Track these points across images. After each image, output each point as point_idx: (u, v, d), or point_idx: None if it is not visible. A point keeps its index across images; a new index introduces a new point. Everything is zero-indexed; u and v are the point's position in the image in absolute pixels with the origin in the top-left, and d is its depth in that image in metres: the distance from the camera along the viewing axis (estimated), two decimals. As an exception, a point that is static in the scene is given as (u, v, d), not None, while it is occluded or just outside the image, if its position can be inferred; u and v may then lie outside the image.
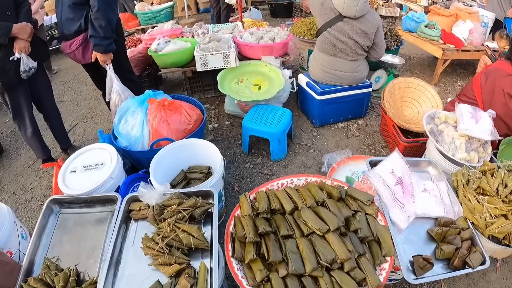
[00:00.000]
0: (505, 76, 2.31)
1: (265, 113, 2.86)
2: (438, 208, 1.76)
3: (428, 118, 2.31)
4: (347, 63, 2.85)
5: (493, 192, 1.74)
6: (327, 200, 1.67)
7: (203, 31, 3.84)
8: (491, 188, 1.76)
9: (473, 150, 2.15)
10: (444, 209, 1.76)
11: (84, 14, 2.37)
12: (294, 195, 1.72)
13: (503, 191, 1.74)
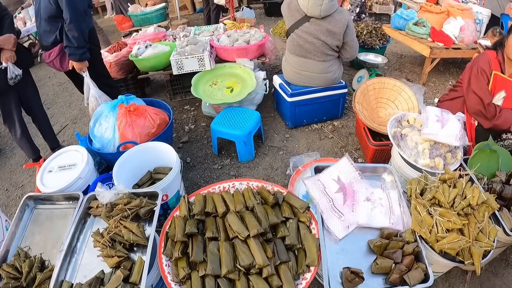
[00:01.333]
0: (484, 56, 2.32)
1: (234, 115, 2.88)
2: (383, 218, 1.68)
3: (394, 121, 2.25)
4: (317, 63, 2.82)
5: (447, 204, 1.59)
6: (257, 205, 1.70)
7: (185, 33, 3.88)
8: (445, 199, 1.60)
9: (438, 156, 2.04)
10: (391, 219, 1.67)
11: (59, 26, 2.55)
12: (228, 199, 1.77)
13: (459, 203, 1.57)
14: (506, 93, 2.24)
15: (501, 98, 2.27)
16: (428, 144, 2.04)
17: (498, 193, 1.85)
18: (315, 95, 2.96)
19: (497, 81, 2.25)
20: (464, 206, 1.56)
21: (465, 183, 1.65)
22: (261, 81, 3.13)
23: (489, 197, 1.61)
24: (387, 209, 1.72)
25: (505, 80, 2.24)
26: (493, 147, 2.09)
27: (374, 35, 3.98)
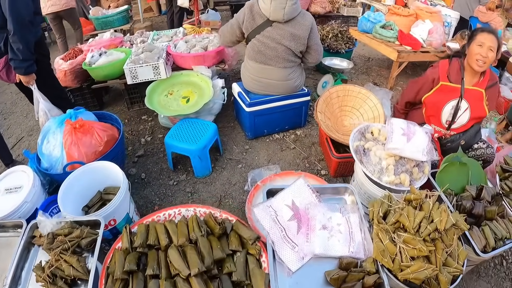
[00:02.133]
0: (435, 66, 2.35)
1: (189, 128, 2.70)
2: (341, 247, 1.53)
3: (357, 133, 2.10)
4: (278, 70, 2.67)
5: (412, 230, 1.45)
6: (201, 238, 1.54)
7: (143, 39, 3.67)
8: (410, 224, 1.46)
9: (404, 171, 1.92)
10: (350, 247, 1.53)
11: (3, 37, 2.36)
12: (172, 230, 1.60)
13: (426, 228, 1.45)
14: (468, 103, 2.21)
15: (464, 109, 2.23)
16: (392, 160, 1.92)
17: (468, 211, 1.81)
18: (275, 104, 2.81)
19: (445, 91, 2.24)
20: (430, 231, 1.45)
21: (432, 204, 1.53)
22: (219, 90, 2.97)
23: (458, 219, 1.52)
24: (346, 236, 1.57)
25: (453, 88, 2.22)
26: (462, 159, 2.04)
27: (340, 39, 3.88)
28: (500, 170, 2.19)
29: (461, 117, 2.25)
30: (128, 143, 3.13)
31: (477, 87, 2.20)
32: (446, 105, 2.25)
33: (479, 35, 2.12)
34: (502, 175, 2.17)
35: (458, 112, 2.24)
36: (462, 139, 2.28)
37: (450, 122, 2.28)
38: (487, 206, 1.85)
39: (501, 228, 1.77)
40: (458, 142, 2.27)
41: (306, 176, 2.30)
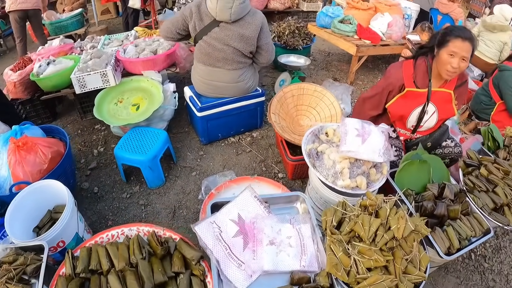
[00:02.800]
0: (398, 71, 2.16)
1: (139, 137, 2.59)
2: (292, 261, 1.44)
3: (311, 135, 2.01)
4: (227, 72, 2.59)
5: (367, 240, 1.37)
6: (141, 262, 1.46)
7: (93, 44, 3.52)
8: (365, 233, 1.37)
9: (360, 174, 1.81)
10: (302, 261, 1.44)
11: None
12: (113, 253, 1.52)
13: (382, 237, 1.36)
14: (435, 106, 2.09)
15: (431, 112, 2.12)
16: (347, 163, 1.81)
17: (430, 212, 1.77)
18: (228, 106, 2.74)
19: (411, 97, 2.09)
20: (387, 240, 1.36)
21: (389, 209, 1.43)
22: (170, 95, 2.88)
23: (418, 223, 1.43)
24: (297, 249, 1.48)
25: (420, 94, 2.07)
26: (423, 156, 1.97)
27: (297, 35, 3.83)
28: (463, 165, 2.12)
29: (428, 121, 2.15)
30: (81, 155, 3.00)
31: (445, 89, 2.05)
32: (412, 112, 2.12)
33: (451, 42, 1.85)
34: (465, 170, 2.10)
35: (425, 117, 2.12)
36: (429, 142, 2.20)
37: (416, 126, 2.18)
38: (450, 205, 1.81)
39: (465, 227, 1.74)
40: (425, 144, 2.20)
41: (261, 180, 2.26)
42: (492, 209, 1.89)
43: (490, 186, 1.95)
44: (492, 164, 2.05)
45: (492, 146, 2.37)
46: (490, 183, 1.96)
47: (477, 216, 1.83)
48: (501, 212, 1.91)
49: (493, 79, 3.34)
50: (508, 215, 1.87)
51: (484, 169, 2.03)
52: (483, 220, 1.80)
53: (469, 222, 1.78)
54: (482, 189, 1.96)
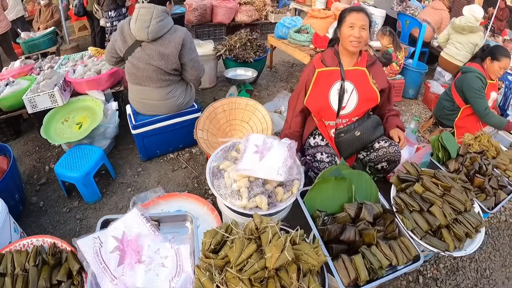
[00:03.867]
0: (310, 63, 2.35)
1: (77, 154, 2.74)
2: (161, 282, 1.46)
3: (221, 152, 2.03)
4: (155, 90, 2.69)
5: (235, 267, 1.28)
6: (32, 268, 1.60)
7: (51, 65, 3.70)
8: (235, 259, 1.29)
9: (260, 193, 1.74)
10: (172, 283, 1.45)
11: None
12: (16, 258, 1.66)
13: (252, 266, 1.26)
14: (353, 83, 2.14)
15: (350, 90, 2.13)
16: (246, 181, 1.75)
17: (334, 236, 1.64)
18: (162, 124, 2.85)
19: (324, 76, 2.17)
20: (257, 270, 1.25)
21: (271, 235, 1.34)
22: (111, 113, 3.02)
23: (306, 251, 1.33)
24: (171, 270, 1.51)
25: (332, 71, 2.14)
26: (344, 172, 1.83)
27: (249, 48, 3.92)
28: (396, 180, 1.96)
29: (349, 100, 2.15)
30: (35, 171, 3.17)
31: (358, 67, 2.15)
32: (331, 89, 2.14)
33: (348, 16, 2.06)
34: (399, 186, 1.94)
35: (345, 95, 2.13)
36: (358, 130, 2.17)
37: (339, 108, 2.16)
38: (367, 228, 1.63)
39: (381, 254, 1.56)
40: (352, 133, 2.17)
41: (189, 197, 2.32)
42: (427, 232, 1.73)
43: (425, 205, 1.77)
44: (431, 178, 1.89)
45: (443, 156, 2.34)
46: (425, 202, 1.79)
47: (404, 240, 1.67)
48: (439, 235, 1.74)
49: (455, 82, 3.30)
50: (446, 238, 1.70)
51: (419, 185, 1.85)
52: (410, 245, 1.65)
53: (389, 249, 1.61)
54: (414, 208, 1.77)
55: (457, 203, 1.80)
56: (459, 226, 1.76)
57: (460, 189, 1.87)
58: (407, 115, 4.31)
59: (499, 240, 2.53)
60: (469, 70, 3.16)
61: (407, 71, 4.57)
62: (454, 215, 1.76)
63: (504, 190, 2.19)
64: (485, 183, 2.11)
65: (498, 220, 2.71)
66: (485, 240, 2.45)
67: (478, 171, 2.16)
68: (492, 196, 2.10)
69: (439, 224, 1.72)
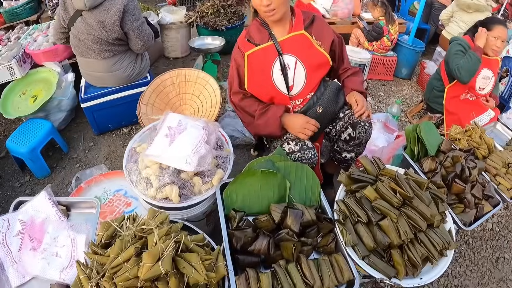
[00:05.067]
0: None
1: (28, 129, 2.69)
2: (51, 271, 1.39)
3: (149, 131, 1.87)
4: (98, 62, 2.56)
5: (108, 271, 1.13)
6: None
7: (19, 35, 3.61)
8: (108, 262, 1.13)
9: (171, 183, 1.55)
10: (62, 274, 1.37)
11: None
12: None
13: (124, 273, 1.08)
14: (294, 55, 1.78)
15: (293, 64, 1.79)
16: (157, 168, 1.57)
17: (242, 246, 1.33)
18: (111, 96, 2.73)
19: (258, 57, 1.80)
20: (129, 278, 1.08)
21: (157, 236, 1.12)
22: (66, 85, 2.92)
23: (191, 264, 1.11)
24: (64, 261, 1.44)
25: (265, 49, 1.77)
26: (278, 164, 1.55)
27: (223, 15, 3.66)
28: (346, 179, 1.58)
29: (296, 76, 1.81)
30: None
31: (294, 32, 1.77)
32: (273, 71, 1.80)
33: None
34: (349, 186, 1.57)
35: (289, 72, 1.79)
36: (318, 106, 1.83)
37: (287, 89, 1.84)
38: (289, 239, 1.31)
39: (298, 276, 1.24)
40: (314, 111, 1.84)
41: None
42: (372, 251, 1.37)
43: (376, 217, 1.41)
44: (390, 182, 1.48)
45: (419, 151, 1.93)
46: (376, 212, 1.43)
47: (339, 258, 1.34)
48: (387, 256, 1.38)
49: (445, 57, 2.96)
50: (397, 262, 1.34)
51: (372, 189, 1.46)
52: (345, 266, 1.32)
53: (319, 266, 1.31)
54: (360, 219, 1.41)
55: (418, 218, 1.41)
56: (419, 247, 1.38)
57: (428, 199, 1.47)
58: (396, 96, 3.96)
59: (479, 253, 2.23)
60: (455, 40, 2.85)
61: (401, 47, 4.18)
62: (412, 234, 1.38)
63: (490, 201, 1.78)
64: (466, 191, 1.69)
65: (483, 228, 2.40)
66: (463, 251, 2.23)
67: (459, 174, 1.75)
68: (472, 208, 1.69)
69: (390, 243, 1.37)
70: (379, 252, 1.40)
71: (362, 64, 3.68)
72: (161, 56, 4.19)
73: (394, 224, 1.39)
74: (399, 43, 4.19)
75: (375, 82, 4.26)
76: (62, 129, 3.05)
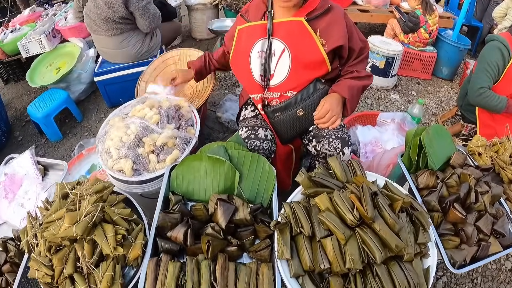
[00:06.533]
0: None
1: (46, 97, 2.93)
2: (17, 219, 1.60)
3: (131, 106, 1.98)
4: (107, 39, 2.69)
5: (44, 225, 1.21)
6: None
7: (55, 12, 3.90)
8: (45, 217, 1.22)
9: (125, 157, 1.55)
10: (22, 223, 1.58)
11: None
12: None
13: (55, 228, 1.17)
14: (284, 42, 1.55)
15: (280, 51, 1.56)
16: (117, 141, 1.58)
17: (164, 230, 1.28)
18: (121, 72, 2.86)
19: (246, 34, 1.64)
20: (53, 235, 1.15)
21: (88, 202, 1.19)
22: (86, 60, 3.11)
23: (106, 236, 1.18)
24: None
25: (256, 27, 1.60)
26: (232, 153, 1.42)
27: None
28: (306, 180, 1.33)
29: (279, 65, 1.57)
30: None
31: (294, 17, 1.53)
32: (252, 52, 1.59)
33: None
34: (308, 189, 1.32)
35: (273, 59, 1.57)
36: (300, 108, 1.59)
37: (264, 75, 1.60)
38: (211, 234, 1.22)
39: (206, 275, 1.12)
40: (293, 112, 1.61)
41: None
42: (310, 272, 1.15)
43: (321, 232, 1.17)
44: (351, 193, 1.20)
45: (421, 162, 1.53)
46: (322, 227, 1.19)
47: (264, 270, 1.17)
48: (325, 284, 1.14)
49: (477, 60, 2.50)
50: None
51: (325, 198, 1.21)
52: (267, 282, 1.14)
53: (237, 273, 1.17)
54: (303, 231, 1.19)
55: (374, 246, 1.08)
56: (372, 282, 1.09)
57: (400, 224, 1.13)
58: (431, 97, 3.56)
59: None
60: (492, 39, 2.36)
61: (443, 43, 3.75)
62: (360, 264, 1.08)
63: (501, 240, 1.34)
64: (466, 222, 1.31)
65: (499, 268, 1.94)
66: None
67: (463, 199, 1.36)
68: (471, 245, 1.30)
69: (330, 269, 1.10)
70: (318, 275, 1.15)
71: (391, 56, 3.40)
72: (189, 37, 4.29)
73: (342, 247, 1.11)
74: (441, 38, 3.79)
75: (408, 79, 3.91)
76: (82, 100, 3.26)
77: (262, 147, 1.61)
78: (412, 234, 1.19)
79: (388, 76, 3.53)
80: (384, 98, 3.52)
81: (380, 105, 3.41)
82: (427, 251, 1.22)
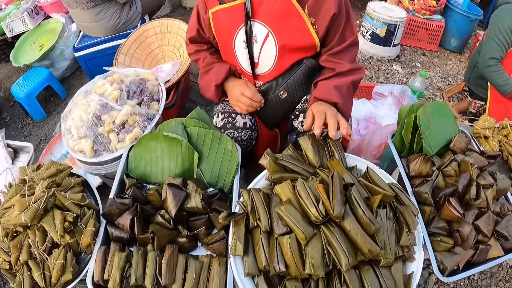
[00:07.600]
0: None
1: (29, 76, 2.86)
2: None
3: None
4: (84, 12, 2.56)
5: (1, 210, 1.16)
6: None
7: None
8: (3, 204, 1.17)
9: (86, 136, 1.48)
10: None
11: None
12: None
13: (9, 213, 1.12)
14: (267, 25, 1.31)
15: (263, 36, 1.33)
16: (78, 121, 1.50)
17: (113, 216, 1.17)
18: (101, 46, 2.73)
19: (224, 17, 1.37)
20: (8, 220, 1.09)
21: (39, 188, 1.13)
22: (67, 35, 3.00)
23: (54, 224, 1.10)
24: None
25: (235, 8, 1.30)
26: (191, 130, 1.30)
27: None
28: (272, 163, 1.16)
29: (263, 53, 1.37)
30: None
31: None
32: (235, 42, 1.39)
33: None
34: (273, 173, 1.15)
35: (255, 46, 1.36)
36: (283, 90, 1.43)
37: (251, 64, 1.43)
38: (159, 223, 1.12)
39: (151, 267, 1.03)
40: (276, 95, 1.45)
41: None
42: (264, 271, 1.00)
43: (280, 228, 1.00)
44: (308, 180, 1.07)
45: (416, 145, 1.31)
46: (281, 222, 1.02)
47: (215, 266, 1.05)
48: (283, 286, 0.99)
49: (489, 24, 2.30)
50: None
51: (289, 187, 1.04)
52: (216, 279, 1.03)
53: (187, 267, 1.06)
54: (260, 224, 1.03)
55: (339, 250, 0.92)
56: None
57: (378, 223, 0.95)
58: (437, 70, 3.30)
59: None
60: (506, 1, 2.10)
61: (452, 12, 3.46)
62: (322, 270, 0.91)
63: (503, 243, 1.15)
64: (463, 221, 1.12)
65: (499, 264, 1.70)
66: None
67: (461, 193, 1.16)
68: (467, 248, 1.10)
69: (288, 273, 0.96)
70: (277, 276, 0.99)
71: (393, 23, 3.16)
72: (179, 6, 4.09)
73: (303, 247, 0.95)
74: (449, 6, 3.50)
75: (413, 49, 3.65)
76: (67, 77, 3.19)
77: (240, 138, 1.46)
78: (394, 233, 1.01)
79: (390, 46, 3.29)
80: (385, 69, 3.30)
81: (379, 77, 3.20)
82: (412, 254, 1.03)
